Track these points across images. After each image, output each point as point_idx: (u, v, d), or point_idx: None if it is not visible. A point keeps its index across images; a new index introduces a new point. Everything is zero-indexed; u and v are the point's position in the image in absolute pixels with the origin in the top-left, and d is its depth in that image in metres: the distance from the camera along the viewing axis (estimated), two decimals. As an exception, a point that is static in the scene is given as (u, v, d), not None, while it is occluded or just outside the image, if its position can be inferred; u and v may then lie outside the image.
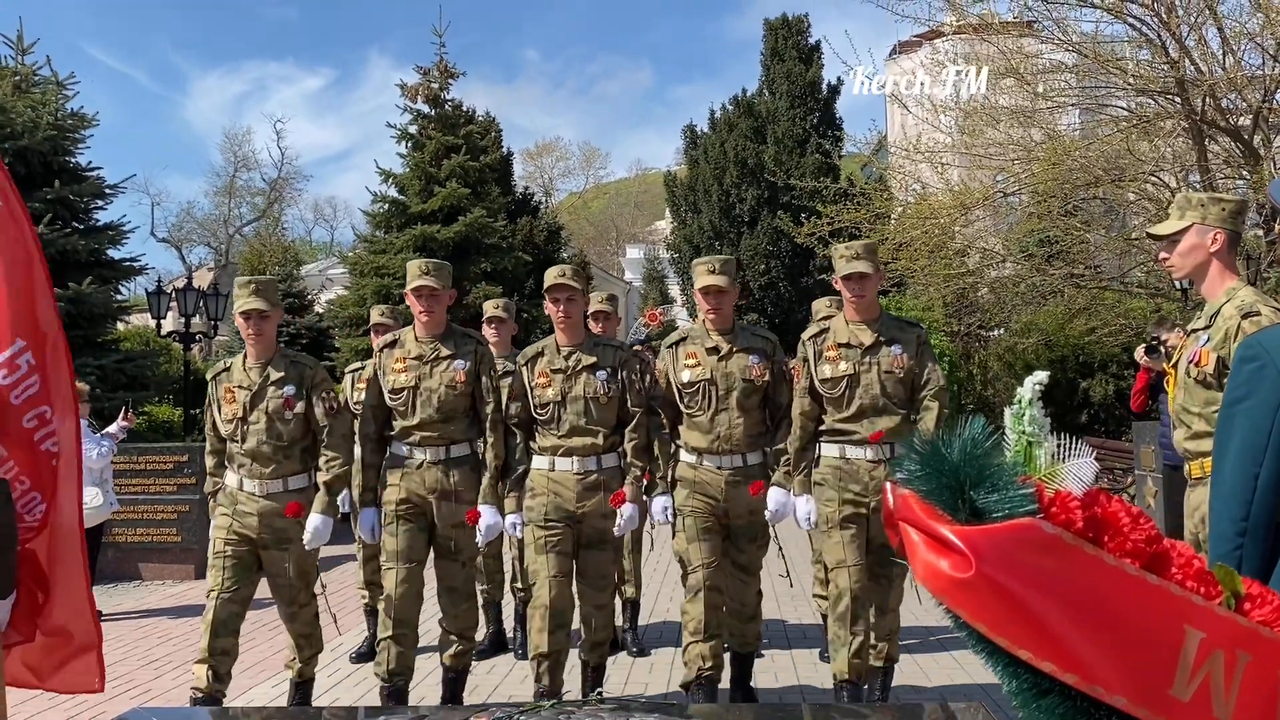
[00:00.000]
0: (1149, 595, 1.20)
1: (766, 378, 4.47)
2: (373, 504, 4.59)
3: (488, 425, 4.50)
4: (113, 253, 13.18)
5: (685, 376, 4.49)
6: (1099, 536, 1.22)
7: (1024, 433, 1.32)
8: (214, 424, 4.62)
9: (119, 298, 13.37)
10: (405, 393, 4.50)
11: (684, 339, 4.63)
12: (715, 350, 4.48)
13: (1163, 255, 3.53)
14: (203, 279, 25.48)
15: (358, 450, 4.70)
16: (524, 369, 4.50)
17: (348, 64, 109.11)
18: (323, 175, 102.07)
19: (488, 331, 6.35)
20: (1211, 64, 9.51)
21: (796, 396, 4.47)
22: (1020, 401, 1.33)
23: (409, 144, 18.90)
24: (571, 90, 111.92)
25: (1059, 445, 1.33)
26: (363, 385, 6.37)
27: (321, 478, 4.48)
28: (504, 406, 4.56)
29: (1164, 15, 9.26)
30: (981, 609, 1.18)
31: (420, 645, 6.24)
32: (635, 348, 6.64)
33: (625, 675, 5.43)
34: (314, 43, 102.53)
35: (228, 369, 4.63)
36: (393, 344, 4.64)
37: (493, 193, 19.09)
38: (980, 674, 5.20)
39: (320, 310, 21.90)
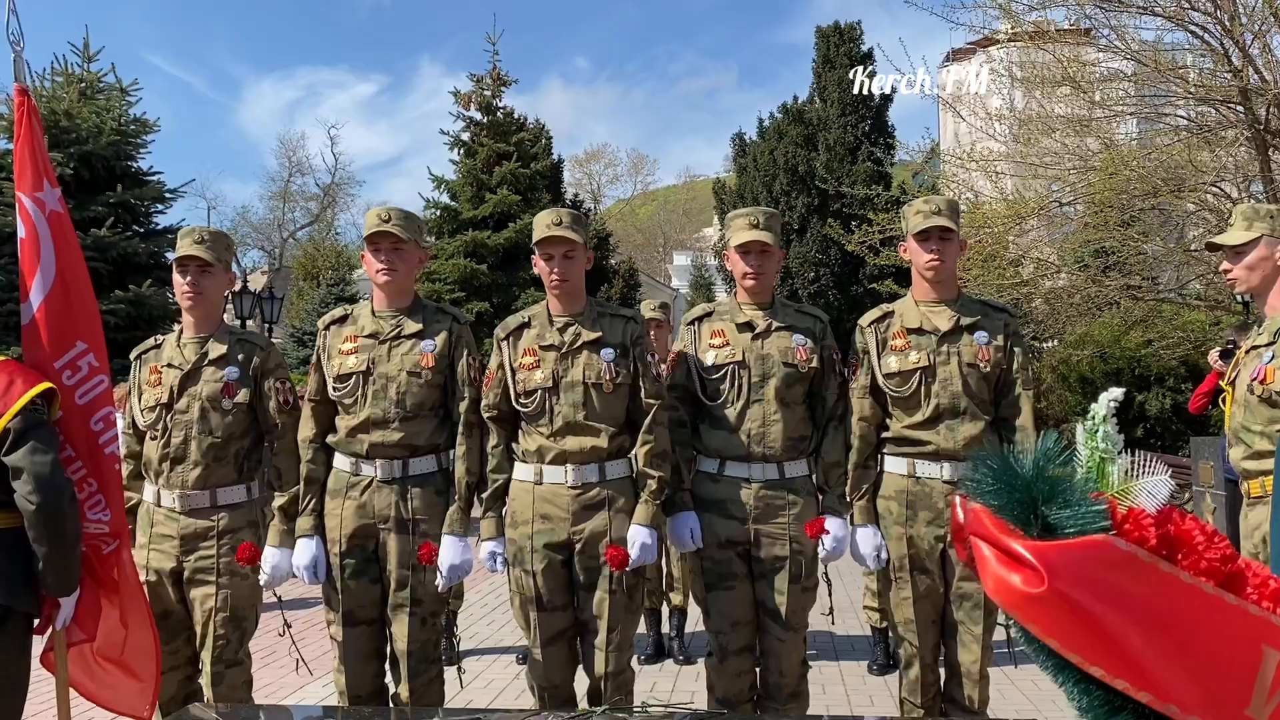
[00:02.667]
0: (1226, 614, 1.18)
1: (814, 364, 3.50)
2: (315, 532, 3.46)
3: (460, 429, 3.44)
4: (171, 256, 13.44)
5: (710, 358, 3.53)
6: (1173, 554, 1.21)
7: (1097, 449, 1.30)
8: (133, 417, 3.59)
9: (176, 300, 13.64)
10: (353, 380, 3.44)
11: (709, 314, 3.66)
12: (749, 326, 3.53)
13: (1225, 266, 3.43)
14: (257, 282, 25.89)
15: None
16: (504, 344, 3.48)
17: (400, 71, 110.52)
18: (375, 180, 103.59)
19: None
20: (1276, 72, 9.31)
21: (855, 398, 3.55)
22: (1094, 418, 1.31)
23: (461, 151, 19.12)
24: (621, 97, 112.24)
25: (1132, 462, 1.31)
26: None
27: (275, 501, 3.49)
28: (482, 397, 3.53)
29: (1227, 23, 9.09)
30: (1053, 625, 1.17)
31: (471, 648, 6.31)
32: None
33: (672, 683, 5.43)
34: (367, 49, 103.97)
35: (157, 346, 3.62)
36: (342, 319, 3.61)
37: (543, 199, 19.21)
38: (1033, 692, 5.13)
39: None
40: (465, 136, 19.14)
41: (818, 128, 25.81)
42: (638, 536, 3.30)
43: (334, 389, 3.48)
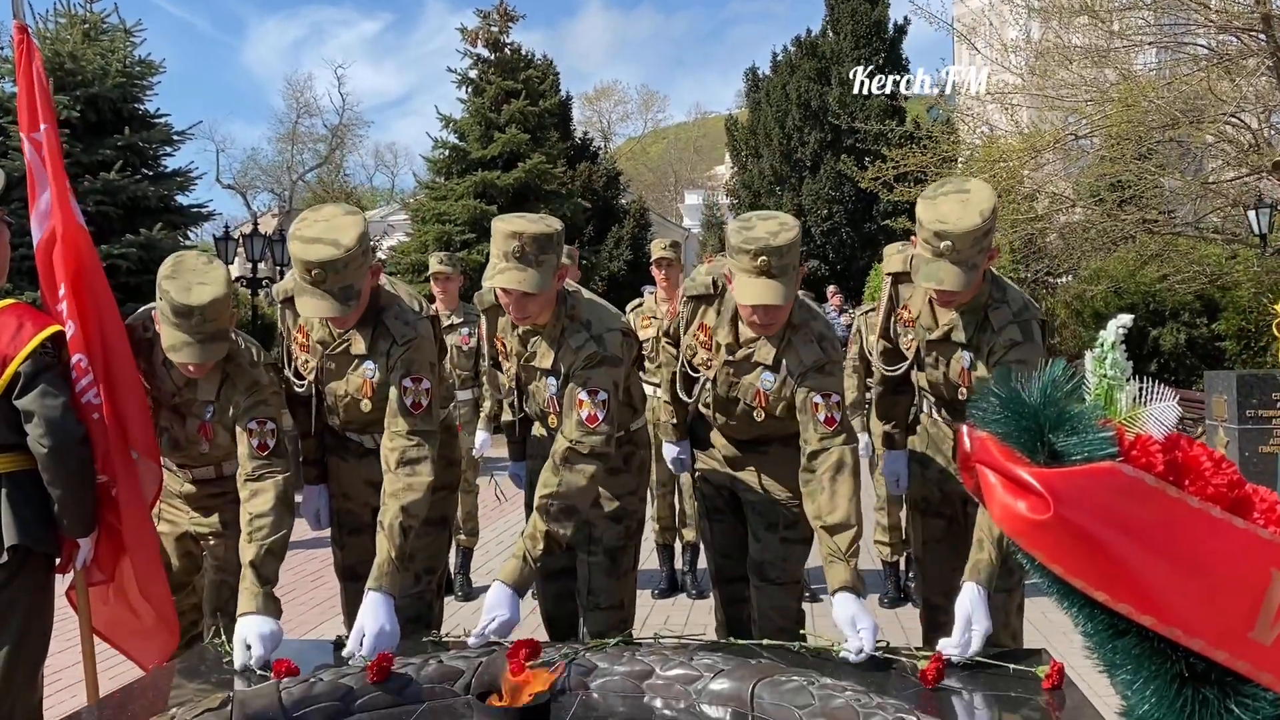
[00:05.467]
0: (1235, 538, 1.19)
1: (777, 412, 2.99)
2: (318, 480, 3.25)
3: (390, 461, 2.80)
4: (181, 199, 13.40)
5: (688, 352, 3.17)
6: (1179, 480, 1.22)
7: (1105, 376, 1.30)
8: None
9: (187, 243, 13.63)
10: (305, 385, 3.09)
11: (710, 298, 3.08)
12: (731, 348, 3.03)
13: None
14: (267, 225, 25.87)
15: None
16: (485, 316, 3.25)
17: (404, 6, 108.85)
18: (382, 121, 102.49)
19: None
20: (1300, -2, 9.13)
21: (877, 337, 3.28)
22: (1102, 345, 1.31)
23: (469, 89, 18.95)
24: (630, 32, 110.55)
25: (1140, 389, 1.31)
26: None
27: (246, 553, 2.75)
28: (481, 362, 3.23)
29: (1250, -53, 8.89)
30: (1059, 551, 1.18)
31: (486, 584, 6.39)
32: None
33: (685, 616, 5.51)
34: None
35: (149, 339, 3.09)
36: (293, 300, 2.94)
37: (552, 138, 19.08)
38: (1042, 623, 5.18)
39: (382, 257, 22.15)
40: (473, 74, 18.96)
41: (831, 61, 25.43)
42: (490, 600, 2.67)
43: (294, 384, 3.13)
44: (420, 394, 2.88)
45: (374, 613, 2.57)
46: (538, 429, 3.30)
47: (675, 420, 3.38)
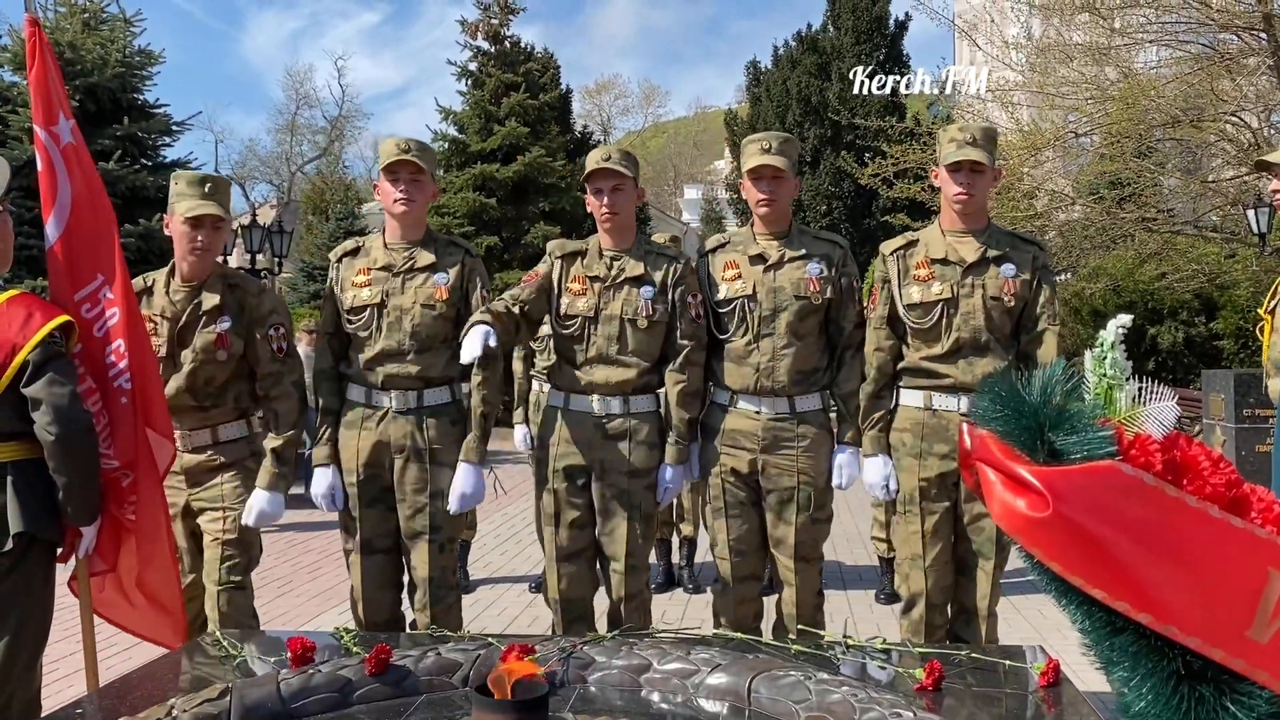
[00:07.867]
0: (1233, 538, 1.19)
1: (828, 294, 3.44)
2: (330, 461, 3.51)
3: (476, 363, 3.36)
4: (182, 189, 13.41)
5: (721, 292, 3.50)
6: (1178, 479, 1.22)
7: (1105, 375, 1.30)
8: None
9: (186, 233, 13.63)
10: (368, 312, 3.46)
11: (724, 244, 3.63)
12: (761, 259, 3.48)
13: (1275, 186, 3.37)
14: (266, 216, 25.85)
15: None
16: (559, 262, 3.54)
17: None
18: (381, 113, 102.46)
19: None
20: (1301, -2, 9.12)
21: (872, 328, 3.50)
22: (1102, 345, 1.32)
23: (469, 81, 18.94)
24: (632, 25, 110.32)
25: (1139, 389, 1.32)
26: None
27: (268, 442, 3.41)
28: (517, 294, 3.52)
29: (1252, -54, 8.89)
30: (1057, 548, 1.19)
31: (484, 577, 6.41)
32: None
33: (682, 611, 5.52)
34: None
35: (149, 290, 3.50)
36: (354, 251, 3.61)
37: (551, 131, 19.06)
38: (1039, 621, 5.20)
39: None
40: (473, 67, 18.96)
41: (831, 57, 25.39)
42: (663, 476, 3.45)
43: (348, 321, 3.49)
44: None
45: (463, 479, 3.38)
46: (558, 399, 3.55)
47: (688, 416, 3.50)
